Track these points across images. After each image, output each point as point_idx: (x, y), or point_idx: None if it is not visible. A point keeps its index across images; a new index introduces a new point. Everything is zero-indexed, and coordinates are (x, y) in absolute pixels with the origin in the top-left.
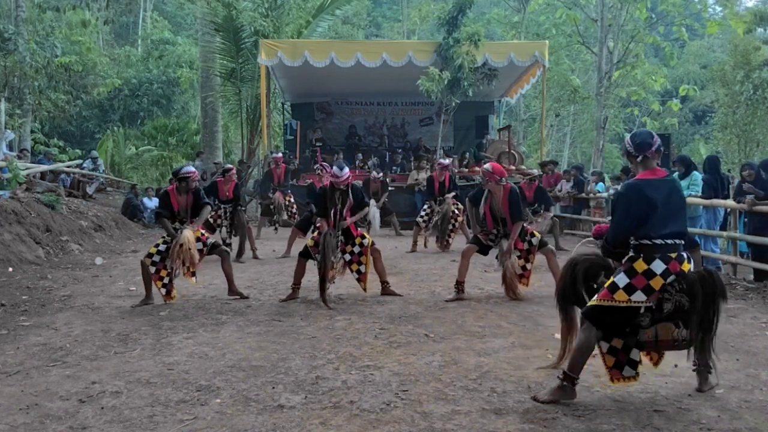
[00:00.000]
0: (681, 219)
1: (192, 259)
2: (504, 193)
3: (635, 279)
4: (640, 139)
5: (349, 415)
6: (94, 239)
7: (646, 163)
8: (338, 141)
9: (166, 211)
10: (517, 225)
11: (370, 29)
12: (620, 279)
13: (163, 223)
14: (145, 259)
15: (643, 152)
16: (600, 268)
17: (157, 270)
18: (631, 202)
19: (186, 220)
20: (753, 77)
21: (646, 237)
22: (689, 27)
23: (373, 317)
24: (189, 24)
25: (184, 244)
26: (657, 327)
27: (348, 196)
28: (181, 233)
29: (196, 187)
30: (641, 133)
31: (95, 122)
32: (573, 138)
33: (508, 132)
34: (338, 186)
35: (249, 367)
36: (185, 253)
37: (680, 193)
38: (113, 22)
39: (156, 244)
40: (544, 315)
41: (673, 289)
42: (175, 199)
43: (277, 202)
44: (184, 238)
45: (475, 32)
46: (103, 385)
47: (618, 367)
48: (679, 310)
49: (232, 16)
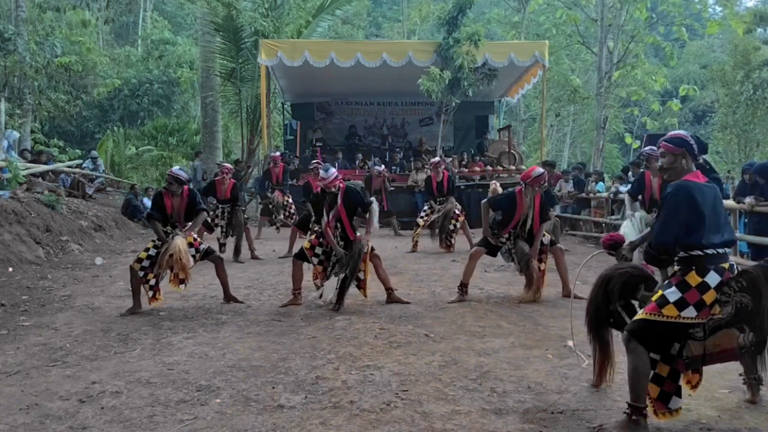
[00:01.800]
0: (729, 226)
1: (183, 268)
2: (537, 196)
3: (688, 293)
4: (699, 140)
5: (349, 415)
6: (94, 239)
7: (691, 166)
8: (338, 141)
9: (158, 214)
10: (543, 226)
11: (371, 29)
12: (671, 293)
13: (153, 227)
14: (134, 264)
15: (702, 154)
16: (639, 280)
17: (145, 274)
18: (681, 205)
19: (179, 224)
20: (753, 77)
21: (698, 247)
22: (689, 27)
23: (373, 317)
24: (189, 24)
25: (174, 254)
26: (716, 336)
27: (336, 200)
28: (172, 240)
29: (190, 190)
30: (689, 135)
31: (95, 122)
32: (573, 138)
33: (508, 132)
34: (328, 189)
35: (249, 367)
36: (175, 262)
37: (721, 200)
38: (113, 21)
39: (146, 248)
40: (545, 315)
41: (731, 290)
42: (168, 201)
43: (275, 200)
44: (175, 247)
45: (475, 32)
46: (103, 385)
47: (663, 399)
48: (741, 311)
49: (232, 16)
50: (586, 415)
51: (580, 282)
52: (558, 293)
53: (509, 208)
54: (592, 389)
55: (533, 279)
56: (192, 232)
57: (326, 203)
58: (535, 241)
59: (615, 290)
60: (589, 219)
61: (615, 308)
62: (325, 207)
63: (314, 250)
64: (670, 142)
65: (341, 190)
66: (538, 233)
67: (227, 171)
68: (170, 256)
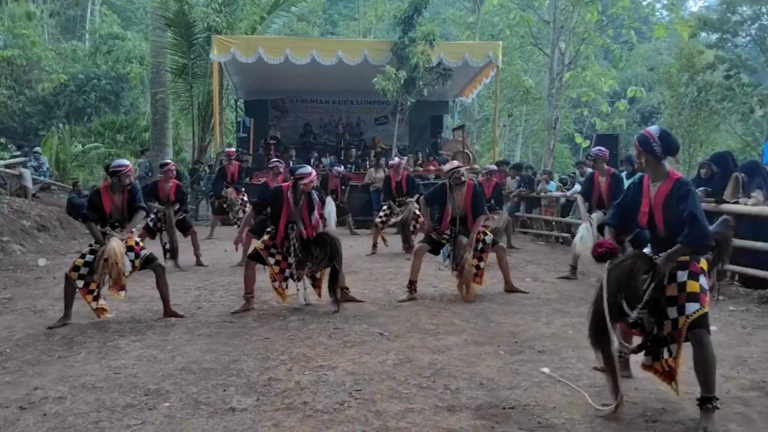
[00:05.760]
0: None
1: (118, 273)
2: (468, 189)
3: (707, 278)
4: (666, 138)
5: (302, 416)
6: (37, 240)
7: (661, 165)
8: (293, 139)
9: (94, 214)
10: (479, 219)
11: (326, 27)
12: (703, 281)
13: (89, 228)
14: (70, 272)
15: (669, 155)
16: (639, 270)
17: (86, 283)
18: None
19: (120, 223)
20: (697, 80)
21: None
22: (637, 30)
23: (327, 317)
24: (139, 18)
25: (109, 258)
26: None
27: (301, 200)
28: (107, 243)
29: (131, 185)
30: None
31: (39, 118)
32: (525, 138)
33: (462, 132)
34: (306, 189)
35: (199, 369)
36: (110, 267)
37: None
38: (59, 15)
39: (82, 255)
40: (497, 312)
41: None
42: (107, 198)
43: (230, 198)
44: (110, 251)
45: (431, 32)
46: (46, 390)
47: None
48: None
49: (184, 11)
50: (536, 410)
51: (531, 279)
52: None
53: (441, 201)
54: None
55: (464, 273)
56: (129, 232)
57: (285, 203)
58: (471, 234)
59: (630, 283)
60: (540, 218)
61: (620, 300)
62: (285, 207)
63: (270, 251)
64: (639, 142)
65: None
66: (474, 226)
67: (171, 169)
68: (105, 261)
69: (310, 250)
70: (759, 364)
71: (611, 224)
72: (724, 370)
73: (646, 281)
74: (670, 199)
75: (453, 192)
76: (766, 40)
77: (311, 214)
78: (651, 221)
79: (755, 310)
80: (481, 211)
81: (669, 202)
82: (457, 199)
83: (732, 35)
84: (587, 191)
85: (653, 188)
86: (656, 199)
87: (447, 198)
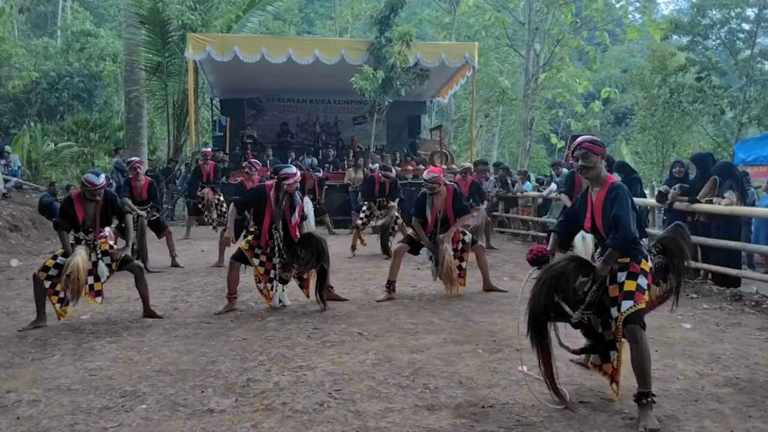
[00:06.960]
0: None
1: (78, 290)
2: (448, 193)
3: (647, 278)
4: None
5: (281, 416)
6: (9, 240)
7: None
8: (270, 138)
9: (66, 223)
10: (461, 218)
11: (302, 26)
12: (642, 281)
13: (60, 237)
14: (39, 273)
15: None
16: (573, 272)
17: (53, 284)
18: (631, 202)
19: (93, 230)
20: (669, 82)
21: (644, 237)
22: (611, 32)
23: (306, 317)
24: (112, 15)
25: (72, 273)
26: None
27: (284, 201)
28: (72, 258)
29: (107, 193)
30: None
31: (10, 117)
32: (501, 138)
33: (439, 132)
34: (290, 189)
35: (176, 371)
36: (72, 283)
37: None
38: (29, 11)
39: (54, 256)
40: (475, 311)
41: (652, 254)
42: (79, 207)
43: (206, 199)
44: (73, 266)
45: (407, 32)
46: (19, 393)
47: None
48: (660, 270)
49: (158, 9)
50: (515, 408)
51: (508, 278)
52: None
53: (424, 207)
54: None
55: (445, 266)
56: (104, 237)
57: (268, 203)
58: (452, 228)
59: (563, 284)
60: (517, 217)
61: (558, 301)
62: (268, 208)
63: (254, 251)
64: (594, 143)
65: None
66: (457, 222)
67: (138, 165)
68: (67, 276)
69: (295, 252)
70: (732, 361)
71: (556, 231)
72: (698, 367)
73: (586, 283)
74: (605, 204)
75: (433, 198)
76: (735, 44)
77: (293, 215)
78: (593, 226)
79: (728, 308)
80: (464, 211)
81: (605, 207)
82: (438, 203)
83: (702, 38)
84: (569, 191)
85: (594, 194)
86: (596, 204)
87: (428, 204)
